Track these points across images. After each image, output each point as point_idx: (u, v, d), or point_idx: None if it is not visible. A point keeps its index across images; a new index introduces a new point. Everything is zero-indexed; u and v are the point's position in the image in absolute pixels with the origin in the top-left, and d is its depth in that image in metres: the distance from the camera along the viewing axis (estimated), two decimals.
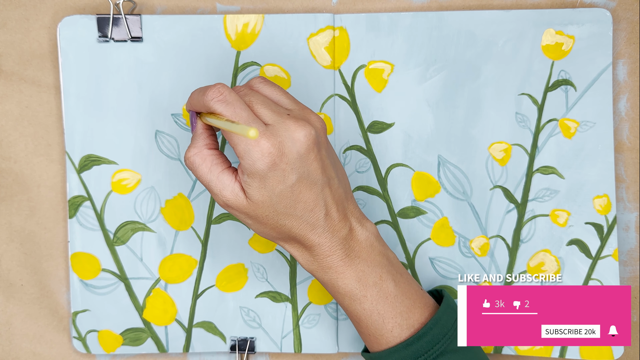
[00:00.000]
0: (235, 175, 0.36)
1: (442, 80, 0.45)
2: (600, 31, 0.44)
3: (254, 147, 0.34)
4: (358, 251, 0.38)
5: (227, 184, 0.36)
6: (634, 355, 0.47)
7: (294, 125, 0.35)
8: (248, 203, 0.36)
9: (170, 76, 0.45)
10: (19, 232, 0.46)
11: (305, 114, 0.37)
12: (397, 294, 0.38)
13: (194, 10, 0.45)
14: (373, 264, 0.38)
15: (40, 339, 0.47)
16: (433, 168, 0.45)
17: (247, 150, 0.34)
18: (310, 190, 0.36)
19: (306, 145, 0.35)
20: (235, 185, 0.36)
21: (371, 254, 0.38)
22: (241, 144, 0.34)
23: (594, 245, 0.45)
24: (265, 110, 0.35)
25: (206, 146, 0.37)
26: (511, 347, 0.46)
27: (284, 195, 0.35)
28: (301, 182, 0.35)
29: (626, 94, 0.46)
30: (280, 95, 0.38)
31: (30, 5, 0.45)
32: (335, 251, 0.37)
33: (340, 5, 0.45)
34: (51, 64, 0.46)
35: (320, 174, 0.36)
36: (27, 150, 0.46)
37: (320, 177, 0.36)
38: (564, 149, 0.45)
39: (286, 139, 0.34)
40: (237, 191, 0.36)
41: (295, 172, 0.35)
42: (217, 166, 0.36)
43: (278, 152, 0.34)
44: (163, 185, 0.45)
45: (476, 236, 0.46)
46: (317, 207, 0.36)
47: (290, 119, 0.35)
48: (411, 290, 0.39)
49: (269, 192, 0.35)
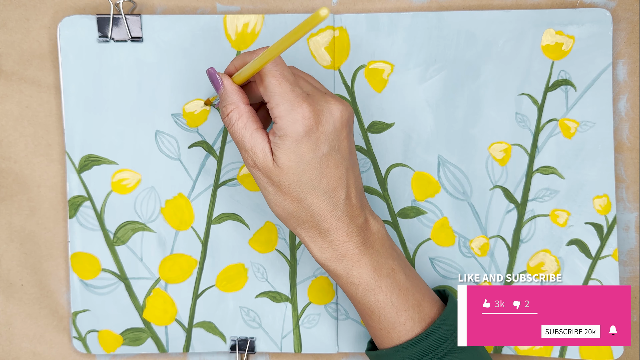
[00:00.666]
0: (267, 136, 0.36)
1: (442, 80, 0.45)
2: (600, 31, 0.44)
3: (294, 110, 0.34)
4: (372, 241, 0.38)
5: (259, 142, 0.36)
6: (634, 355, 0.47)
7: (332, 100, 0.36)
8: (274, 167, 0.36)
9: (170, 76, 0.45)
10: (19, 232, 0.46)
11: (338, 97, 0.37)
12: (408, 287, 0.38)
13: (194, 10, 0.46)
14: (386, 256, 0.38)
15: (41, 339, 0.47)
16: (433, 168, 0.45)
17: (288, 110, 0.34)
18: (336, 168, 0.36)
19: (341, 120, 0.36)
20: (266, 146, 0.36)
21: (384, 245, 0.38)
22: (285, 103, 0.35)
23: (594, 245, 0.45)
24: (305, 84, 0.37)
25: (242, 100, 0.37)
26: (511, 347, 0.46)
27: (311, 165, 0.35)
28: (330, 155, 0.36)
29: (626, 94, 0.46)
30: (314, 80, 0.39)
31: (30, 5, 0.45)
32: (352, 237, 0.37)
33: (340, 5, 0.46)
34: (51, 64, 0.46)
35: (347, 153, 0.37)
36: (27, 150, 0.46)
37: (348, 156, 0.37)
38: (564, 149, 0.45)
39: (325, 110, 0.35)
40: (267, 151, 0.36)
41: (328, 144, 0.35)
42: (253, 123, 0.37)
43: (316, 118, 0.35)
44: (163, 185, 0.45)
45: (476, 236, 0.46)
46: (340, 186, 0.36)
47: (328, 95, 0.37)
48: (420, 284, 0.39)
49: (298, 158, 0.35)
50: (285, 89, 0.35)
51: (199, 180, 0.45)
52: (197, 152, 0.45)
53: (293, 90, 0.35)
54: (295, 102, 0.35)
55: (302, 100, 0.35)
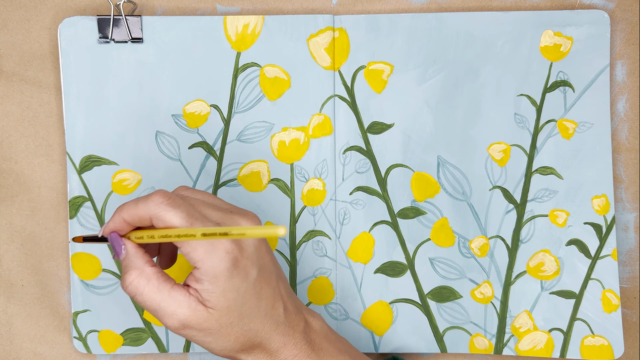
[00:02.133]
0: (187, 290, 0.33)
1: (442, 81, 0.45)
2: (598, 32, 0.44)
3: (214, 249, 0.32)
4: (319, 343, 0.37)
5: (182, 300, 0.32)
6: (633, 355, 0.47)
7: (243, 220, 0.34)
8: (210, 314, 0.33)
9: (170, 77, 0.45)
10: (19, 233, 0.46)
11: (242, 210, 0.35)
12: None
13: (194, 11, 0.46)
14: (336, 352, 0.37)
15: (41, 339, 0.47)
16: (432, 168, 0.46)
17: (208, 252, 0.32)
18: (268, 285, 0.34)
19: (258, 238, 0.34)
20: (192, 300, 0.33)
21: (329, 341, 0.37)
22: (199, 248, 0.32)
23: (593, 245, 0.45)
24: (209, 210, 0.34)
25: (147, 264, 0.33)
26: (511, 347, 0.46)
27: (248, 293, 0.33)
28: (261, 276, 0.34)
29: (625, 95, 0.46)
30: (212, 197, 0.36)
31: (31, 6, 0.45)
32: (301, 347, 0.35)
33: (340, 6, 0.46)
34: (52, 64, 0.46)
35: (272, 266, 0.35)
36: (27, 150, 0.46)
37: (274, 269, 0.35)
38: (563, 149, 0.45)
39: None
40: (194, 305, 0.32)
41: (255, 266, 0.33)
42: (166, 283, 0.33)
43: (238, 247, 0.32)
44: (163, 185, 0.45)
45: (476, 236, 0.46)
46: (277, 301, 0.35)
47: (235, 214, 0.34)
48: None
49: (234, 293, 0.33)
50: None
51: (199, 180, 0.46)
52: (198, 153, 0.45)
53: None
54: (212, 242, 0.32)
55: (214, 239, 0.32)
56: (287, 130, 0.45)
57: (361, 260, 0.46)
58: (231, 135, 0.45)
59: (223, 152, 0.45)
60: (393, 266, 0.46)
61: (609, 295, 0.45)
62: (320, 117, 0.45)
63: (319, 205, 0.46)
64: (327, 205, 0.46)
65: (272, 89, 0.45)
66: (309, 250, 0.46)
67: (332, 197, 0.46)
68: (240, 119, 0.45)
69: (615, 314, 0.45)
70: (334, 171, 0.46)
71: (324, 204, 0.46)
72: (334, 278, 0.46)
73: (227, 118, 0.45)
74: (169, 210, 0.32)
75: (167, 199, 0.32)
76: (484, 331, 0.46)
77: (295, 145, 0.45)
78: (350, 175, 0.46)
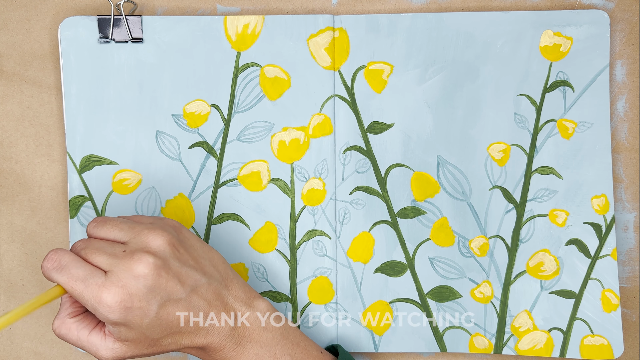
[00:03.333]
0: (104, 330, 0.36)
1: (441, 81, 0.45)
2: (597, 32, 0.45)
3: (99, 304, 0.34)
4: (249, 336, 0.38)
5: (98, 343, 0.36)
6: (633, 354, 0.47)
7: (131, 262, 0.35)
8: (127, 346, 0.36)
9: (170, 77, 0.45)
10: (20, 232, 0.47)
11: (143, 238, 0.36)
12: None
13: (195, 11, 0.46)
14: (266, 344, 0.38)
15: (42, 338, 0.47)
16: (432, 168, 0.46)
17: (95, 308, 0.34)
18: (177, 306, 0.36)
19: (151, 275, 0.34)
20: (108, 341, 0.36)
21: (262, 334, 0.38)
22: (88, 303, 0.34)
23: (593, 245, 0.45)
24: (100, 258, 0.35)
25: (69, 315, 0.37)
26: (511, 347, 0.46)
27: (153, 324, 0.35)
28: (164, 306, 0.35)
29: (625, 95, 0.46)
30: (114, 229, 0.37)
31: (31, 6, 0.45)
32: (226, 344, 0.37)
33: (340, 6, 0.46)
34: (52, 64, 0.46)
35: (180, 289, 0.36)
36: (28, 150, 0.46)
37: (182, 290, 0.36)
38: (562, 149, 0.45)
39: (129, 280, 0.34)
40: (111, 345, 0.36)
41: (154, 302, 0.35)
42: (84, 330, 0.36)
43: (125, 296, 0.34)
44: (164, 185, 0.46)
45: (475, 236, 0.46)
46: (192, 315, 0.36)
47: (126, 257, 0.35)
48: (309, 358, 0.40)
49: (138, 329, 0.35)
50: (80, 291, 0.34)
51: (200, 180, 0.46)
52: (198, 153, 0.45)
53: (87, 287, 0.34)
54: (94, 300, 0.34)
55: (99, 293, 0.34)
56: (287, 130, 0.45)
57: (361, 260, 0.46)
58: (231, 135, 0.45)
59: (223, 152, 0.45)
60: (393, 266, 0.46)
61: (609, 295, 0.45)
62: (320, 117, 0.45)
63: (319, 205, 0.46)
64: (327, 204, 0.46)
65: (272, 89, 0.45)
66: (309, 250, 0.46)
67: (332, 196, 0.46)
68: (240, 118, 0.45)
69: (614, 314, 0.45)
70: (334, 171, 0.46)
71: (324, 204, 0.46)
72: (334, 278, 0.46)
73: (227, 118, 0.45)
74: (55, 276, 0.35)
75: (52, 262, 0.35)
76: (484, 331, 0.46)
77: (295, 145, 0.45)
78: (350, 175, 0.46)
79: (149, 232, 0.36)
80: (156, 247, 0.36)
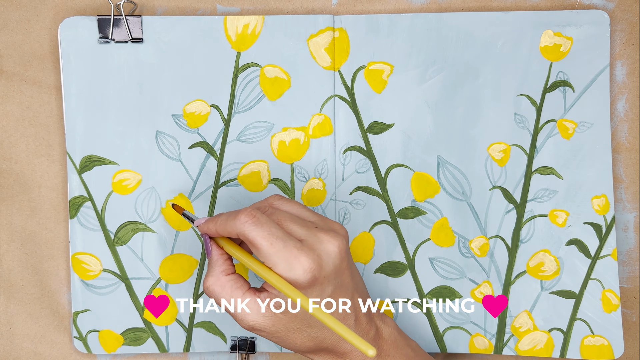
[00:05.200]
0: (259, 296, 0.36)
1: (442, 81, 0.45)
2: (597, 32, 0.45)
3: (296, 265, 0.34)
4: (387, 349, 0.38)
5: (251, 306, 0.36)
6: (633, 354, 0.47)
7: (326, 238, 0.35)
8: (279, 319, 0.35)
9: (170, 77, 0.45)
10: (19, 233, 0.47)
11: (329, 224, 0.37)
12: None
13: (195, 11, 0.46)
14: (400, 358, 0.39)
15: (41, 339, 0.47)
16: (432, 168, 0.46)
17: (289, 269, 0.34)
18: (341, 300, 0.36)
19: (340, 256, 0.35)
20: (260, 306, 0.36)
21: (397, 348, 0.39)
22: (282, 262, 0.34)
23: (593, 245, 0.45)
24: (295, 227, 0.36)
25: (223, 272, 0.37)
26: (511, 347, 0.46)
27: None
28: (335, 292, 0.36)
29: (625, 95, 0.46)
30: (301, 209, 0.38)
31: (31, 7, 0.45)
32: None
33: (340, 6, 0.46)
34: (52, 64, 0.46)
35: (350, 282, 0.37)
36: (28, 150, 0.46)
37: (351, 284, 0.37)
38: (563, 149, 0.45)
39: (322, 252, 0.35)
40: (262, 311, 0.35)
41: (332, 284, 0.35)
42: (238, 290, 0.36)
43: (317, 266, 0.34)
44: (164, 185, 0.46)
45: (476, 236, 0.46)
46: (348, 315, 0.37)
47: (320, 232, 0.36)
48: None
49: None
50: (278, 248, 0.34)
51: (200, 180, 0.46)
52: (198, 153, 0.45)
53: (286, 247, 0.34)
54: (291, 259, 0.34)
55: (298, 254, 0.34)
56: (287, 130, 0.45)
57: (361, 260, 0.46)
58: (231, 135, 0.45)
59: (223, 152, 0.45)
60: (393, 266, 0.46)
61: (609, 295, 0.45)
62: (320, 117, 0.45)
63: (319, 205, 0.46)
64: (327, 205, 0.46)
65: (272, 89, 0.45)
66: None
67: (332, 197, 0.46)
68: (240, 119, 0.45)
69: (615, 314, 0.45)
70: (334, 171, 0.46)
71: (324, 204, 0.46)
72: None
73: (227, 118, 0.45)
74: (252, 229, 0.34)
75: (251, 217, 0.35)
76: (484, 331, 0.46)
77: (295, 145, 0.45)
78: (350, 175, 0.46)
79: (333, 222, 0.37)
80: (343, 235, 0.37)
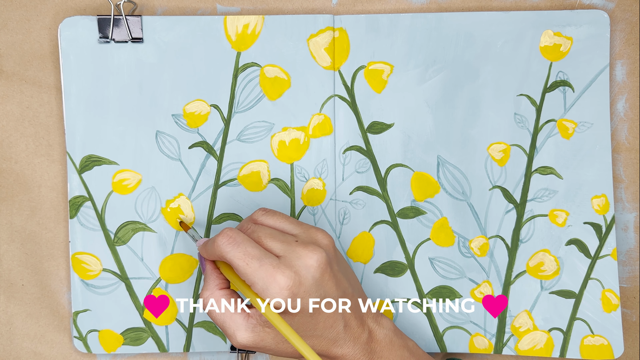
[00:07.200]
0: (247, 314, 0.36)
1: (442, 81, 0.45)
2: (597, 32, 0.45)
3: (272, 284, 0.34)
4: (380, 351, 0.38)
5: (241, 323, 0.36)
6: (633, 354, 0.47)
7: (305, 252, 0.35)
8: (267, 333, 0.36)
9: (170, 77, 0.45)
10: (19, 232, 0.47)
11: (312, 234, 0.37)
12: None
13: (195, 11, 0.46)
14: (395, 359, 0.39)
15: (41, 338, 0.47)
16: (432, 168, 0.46)
17: (266, 288, 0.34)
18: (327, 309, 0.36)
19: (320, 269, 0.35)
20: (250, 323, 0.36)
21: (392, 350, 0.39)
22: (259, 282, 0.34)
23: (593, 245, 0.45)
24: (274, 243, 0.36)
25: (217, 286, 0.37)
26: (511, 347, 0.46)
27: (304, 320, 0.35)
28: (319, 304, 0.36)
29: (625, 95, 0.46)
30: (283, 222, 0.38)
31: (31, 6, 0.45)
32: (359, 358, 0.38)
33: (340, 6, 0.46)
34: (52, 64, 0.46)
35: (335, 291, 0.36)
36: (28, 150, 0.46)
37: (336, 292, 0.36)
38: (562, 149, 0.45)
39: (300, 268, 0.35)
40: (252, 327, 0.36)
41: (315, 296, 0.35)
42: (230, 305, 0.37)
43: (295, 282, 0.34)
44: (164, 185, 0.46)
45: (475, 236, 0.46)
46: (336, 322, 0.37)
47: (299, 246, 0.36)
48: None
49: (288, 320, 0.35)
50: (254, 268, 0.34)
51: (200, 180, 0.46)
52: (198, 153, 0.45)
53: (262, 266, 0.34)
54: (267, 278, 0.34)
55: (274, 272, 0.34)
56: (287, 130, 0.45)
57: (361, 260, 0.46)
58: (231, 135, 0.45)
59: (223, 152, 0.45)
60: (393, 266, 0.46)
61: (609, 295, 0.45)
62: (320, 117, 0.45)
63: (319, 205, 0.46)
64: (327, 205, 0.46)
65: (272, 89, 0.45)
66: None
67: (332, 196, 0.46)
68: (240, 118, 0.45)
69: (615, 314, 0.45)
70: (334, 171, 0.46)
71: (324, 204, 0.46)
72: None
73: (227, 118, 0.45)
74: (229, 251, 0.35)
75: (227, 238, 0.35)
76: (484, 331, 0.46)
77: (295, 145, 0.45)
78: (350, 175, 0.46)
79: (316, 231, 0.37)
80: (324, 246, 0.37)
